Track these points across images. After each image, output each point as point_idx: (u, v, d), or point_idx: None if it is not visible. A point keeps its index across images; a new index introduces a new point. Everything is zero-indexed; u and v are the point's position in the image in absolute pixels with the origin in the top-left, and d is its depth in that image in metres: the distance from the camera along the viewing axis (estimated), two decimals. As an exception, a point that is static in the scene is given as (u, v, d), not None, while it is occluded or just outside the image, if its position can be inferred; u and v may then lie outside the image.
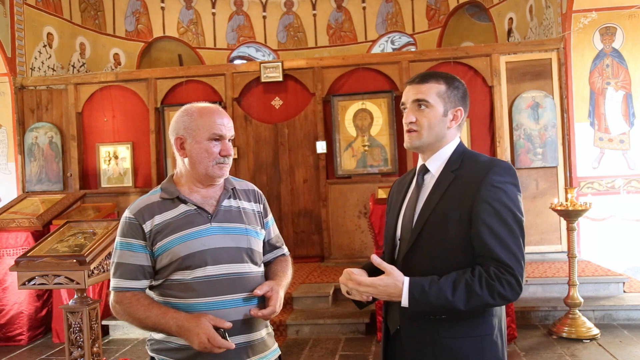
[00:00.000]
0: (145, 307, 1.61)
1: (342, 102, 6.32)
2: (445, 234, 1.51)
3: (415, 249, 1.55)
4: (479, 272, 1.43)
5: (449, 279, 1.43)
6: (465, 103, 1.63)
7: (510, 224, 1.46)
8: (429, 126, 1.59)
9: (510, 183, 1.49)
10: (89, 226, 3.43)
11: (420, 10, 10.06)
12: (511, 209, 1.47)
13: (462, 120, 1.63)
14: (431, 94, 1.58)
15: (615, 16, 5.84)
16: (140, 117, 6.66)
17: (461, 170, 1.55)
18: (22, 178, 6.69)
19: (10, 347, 4.80)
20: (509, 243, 1.44)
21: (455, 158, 1.59)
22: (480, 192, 1.48)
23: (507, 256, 1.43)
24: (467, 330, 1.50)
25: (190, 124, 1.68)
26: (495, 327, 1.53)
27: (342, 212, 6.33)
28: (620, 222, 5.78)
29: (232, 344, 1.55)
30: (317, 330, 4.69)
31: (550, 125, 5.91)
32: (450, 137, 1.62)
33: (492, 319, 1.53)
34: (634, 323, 4.62)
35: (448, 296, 1.41)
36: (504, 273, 1.42)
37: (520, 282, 1.44)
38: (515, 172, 1.54)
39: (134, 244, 1.65)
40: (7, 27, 6.63)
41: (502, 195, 1.47)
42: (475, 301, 1.41)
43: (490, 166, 1.51)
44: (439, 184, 1.57)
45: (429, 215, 1.54)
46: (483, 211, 1.46)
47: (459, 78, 1.67)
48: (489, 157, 1.59)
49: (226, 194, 1.75)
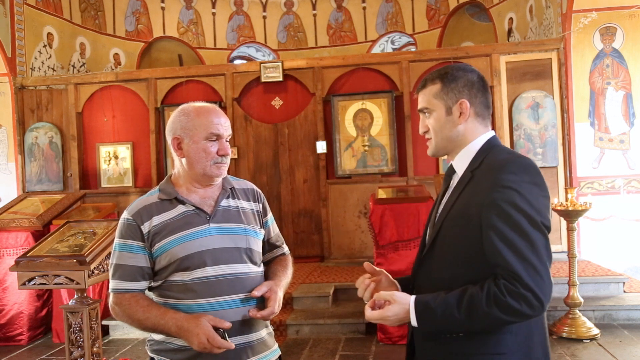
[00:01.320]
0: (145, 309, 1.60)
1: (342, 102, 6.32)
2: (458, 239, 1.40)
3: (431, 253, 1.48)
4: (487, 288, 1.28)
5: (455, 294, 1.32)
6: (471, 92, 1.47)
7: (524, 229, 1.29)
8: (436, 131, 1.50)
9: (527, 182, 1.32)
10: (89, 226, 3.43)
11: (420, 10, 10.05)
12: (525, 212, 1.30)
13: (471, 112, 1.46)
14: (429, 98, 1.50)
15: (615, 16, 5.83)
16: (140, 117, 6.67)
17: (479, 170, 1.42)
18: (22, 178, 6.69)
19: (10, 347, 4.79)
20: (523, 251, 1.27)
21: (479, 156, 1.45)
22: (490, 194, 1.33)
23: (521, 266, 1.26)
24: (478, 347, 1.37)
25: (187, 124, 1.67)
26: (514, 347, 1.36)
27: (342, 212, 6.33)
28: (620, 222, 5.78)
29: (231, 344, 1.55)
30: (317, 330, 4.69)
31: (550, 125, 5.90)
32: (470, 133, 1.47)
33: (508, 336, 1.36)
34: (634, 323, 4.61)
35: (454, 313, 1.30)
36: (517, 287, 1.26)
37: (539, 296, 1.25)
38: (537, 169, 1.36)
39: (133, 245, 1.64)
40: (7, 27, 6.63)
41: (514, 197, 1.30)
42: (482, 319, 1.29)
43: (504, 164, 1.35)
44: (459, 185, 1.46)
45: (444, 219, 1.45)
46: (492, 215, 1.32)
47: (462, 66, 1.51)
48: (510, 153, 1.42)
49: (224, 193, 1.74)
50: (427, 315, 1.35)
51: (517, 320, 1.30)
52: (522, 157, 1.39)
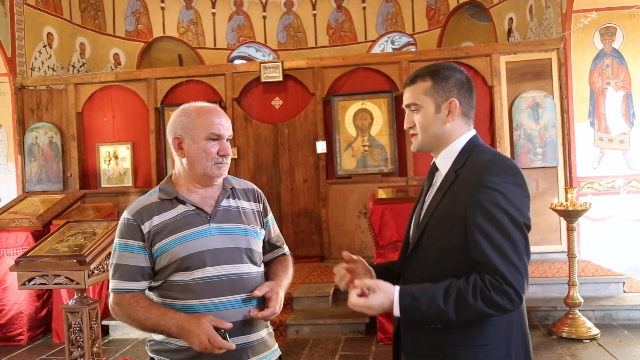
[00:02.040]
0: (145, 309, 1.60)
1: (342, 102, 6.32)
2: (443, 238, 1.44)
3: (416, 251, 1.52)
4: (473, 281, 1.33)
5: (441, 287, 1.35)
6: (461, 91, 1.50)
7: (507, 229, 1.35)
8: (423, 127, 1.52)
9: (510, 183, 1.37)
10: (89, 226, 3.43)
11: (420, 10, 10.06)
12: (508, 212, 1.35)
13: (459, 111, 1.50)
14: (418, 94, 1.52)
15: (615, 16, 5.83)
16: (140, 117, 6.66)
17: (463, 170, 1.46)
18: (22, 178, 6.69)
19: (10, 347, 4.80)
20: (505, 250, 1.33)
21: (462, 155, 1.49)
22: (474, 194, 1.38)
23: (504, 264, 1.32)
24: (465, 339, 1.43)
25: (188, 124, 1.66)
26: (498, 338, 1.43)
27: (342, 212, 6.33)
28: (620, 222, 5.78)
29: (232, 344, 1.55)
30: (317, 330, 4.69)
31: (550, 125, 5.90)
32: (455, 132, 1.51)
33: (491, 328, 1.42)
34: (634, 323, 4.62)
35: (440, 305, 1.33)
36: (501, 283, 1.32)
37: (519, 292, 1.33)
38: (518, 170, 1.41)
39: (133, 245, 1.64)
40: (7, 27, 6.63)
41: (497, 198, 1.35)
42: (467, 311, 1.33)
43: (487, 165, 1.40)
44: (443, 184, 1.50)
45: (430, 217, 1.48)
46: (477, 215, 1.36)
47: (451, 66, 1.54)
48: (493, 154, 1.47)
49: (225, 193, 1.74)
50: (411, 305, 1.37)
51: (498, 313, 1.35)
52: (505, 158, 1.45)
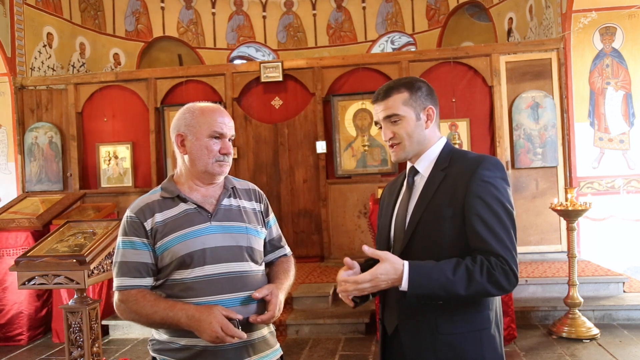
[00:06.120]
0: (152, 302, 1.60)
1: (342, 102, 6.32)
2: (439, 232, 1.53)
3: (409, 248, 1.56)
4: (480, 260, 1.45)
5: (450, 262, 1.45)
6: (433, 99, 1.66)
7: (502, 217, 1.49)
8: (408, 135, 1.62)
9: (499, 177, 1.53)
10: (89, 226, 3.43)
11: (420, 10, 10.06)
12: (502, 203, 1.51)
13: (436, 116, 1.66)
14: (398, 105, 1.62)
15: (615, 16, 5.84)
16: (140, 117, 6.67)
17: (451, 169, 1.58)
18: (22, 178, 6.69)
19: (10, 347, 4.79)
20: (502, 236, 1.48)
21: (443, 157, 1.63)
22: (471, 187, 1.51)
23: (502, 248, 1.46)
24: (466, 325, 1.52)
25: (191, 121, 1.69)
26: (493, 321, 1.56)
27: (342, 212, 6.33)
28: (620, 222, 5.78)
29: (244, 333, 1.56)
30: (317, 330, 4.69)
31: (550, 125, 5.91)
32: (432, 136, 1.66)
33: (488, 312, 1.55)
34: (634, 323, 4.62)
35: (449, 275, 1.42)
36: (504, 264, 1.45)
37: (515, 274, 1.47)
38: (504, 166, 1.58)
39: (137, 241, 1.64)
40: (7, 27, 6.63)
41: (492, 190, 1.51)
42: (474, 287, 1.43)
43: (479, 162, 1.54)
44: (429, 184, 1.59)
45: (422, 214, 1.56)
46: (476, 205, 1.49)
47: (418, 77, 1.70)
48: (477, 154, 1.63)
49: (226, 192, 1.75)
50: (420, 274, 1.43)
51: (498, 293, 1.47)
52: (489, 155, 1.61)
